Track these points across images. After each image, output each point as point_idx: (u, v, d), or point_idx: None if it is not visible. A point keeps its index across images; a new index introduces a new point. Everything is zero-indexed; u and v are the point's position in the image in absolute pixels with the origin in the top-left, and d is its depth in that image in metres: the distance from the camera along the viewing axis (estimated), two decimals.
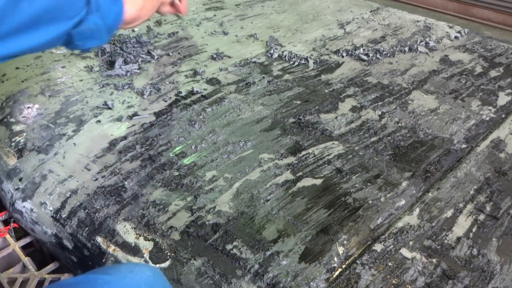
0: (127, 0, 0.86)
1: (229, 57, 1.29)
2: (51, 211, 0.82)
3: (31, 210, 0.83)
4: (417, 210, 0.80)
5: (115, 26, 0.87)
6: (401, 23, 1.57)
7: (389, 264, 0.70)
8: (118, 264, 0.66)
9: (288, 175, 0.86)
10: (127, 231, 0.76)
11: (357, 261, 0.71)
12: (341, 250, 0.72)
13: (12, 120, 1.01)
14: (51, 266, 0.81)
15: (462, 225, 0.78)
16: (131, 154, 0.91)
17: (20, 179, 0.87)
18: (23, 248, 0.86)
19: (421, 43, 1.40)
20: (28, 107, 1.04)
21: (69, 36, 0.77)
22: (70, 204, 0.81)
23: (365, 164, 0.90)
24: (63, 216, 0.80)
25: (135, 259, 0.72)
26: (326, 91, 1.14)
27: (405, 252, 0.72)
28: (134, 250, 0.73)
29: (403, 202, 0.82)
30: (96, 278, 0.58)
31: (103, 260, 0.74)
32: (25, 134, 0.97)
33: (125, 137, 0.95)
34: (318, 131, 0.99)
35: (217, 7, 1.66)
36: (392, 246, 0.73)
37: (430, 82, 1.20)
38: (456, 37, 1.46)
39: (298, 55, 1.30)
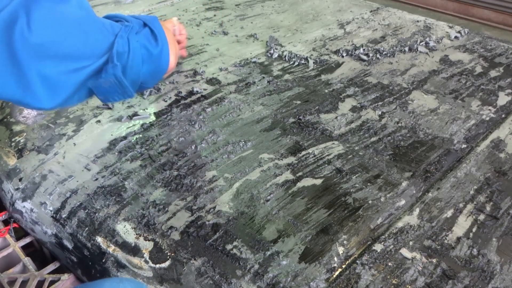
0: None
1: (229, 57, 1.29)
2: (51, 211, 0.82)
3: (31, 210, 0.83)
4: (417, 210, 0.80)
5: (158, 73, 0.70)
6: (401, 23, 1.57)
7: (389, 264, 0.70)
8: (102, 280, 0.63)
9: (288, 175, 0.86)
10: (127, 231, 0.76)
11: (357, 261, 0.71)
12: (341, 250, 0.72)
13: (12, 120, 1.01)
14: (51, 266, 0.81)
15: (462, 225, 0.78)
16: (131, 154, 0.91)
17: (20, 179, 0.87)
18: (23, 248, 0.86)
19: (421, 43, 1.40)
20: None
21: (89, 90, 0.63)
22: (70, 204, 0.81)
23: (365, 164, 0.90)
24: (63, 216, 0.80)
25: (135, 259, 0.72)
26: (326, 91, 1.14)
27: (405, 252, 0.72)
28: (134, 250, 0.73)
29: (403, 202, 0.82)
30: None
31: (103, 260, 0.74)
32: (25, 134, 0.97)
33: (125, 137, 0.95)
34: (318, 131, 0.99)
35: (217, 7, 1.66)
36: (392, 246, 0.73)
37: (430, 82, 1.20)
38: (456, 37, 1.46)
39: (298, 55, 1.30)
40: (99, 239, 0.76)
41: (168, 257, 0.72)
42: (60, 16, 0.57)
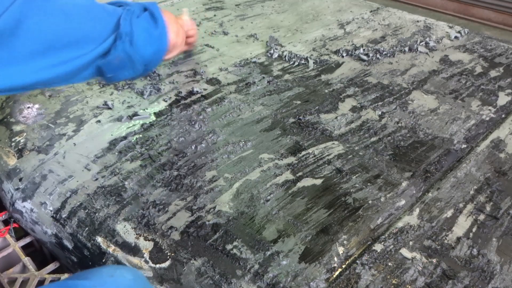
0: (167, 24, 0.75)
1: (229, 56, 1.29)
2: (51, 211, 0.82)
3: (31, 210, 0.83)
4: (417, 210, 0.80)
5: (159, 53, 0.75)
6: (401, 23, 1.57)
7: (389, 264, 0.70)
8: (99, 267, 0.64)
9: (288, 175, 0.86)
10: (127, 231, 0.76)
11: (357, 261, 0.71)
12: (341, 250, 0.72)
13: (12, 120, 1.01)
14: (51, 266, 0.81)
15: (462, 225, 0.78)
16: (131, 154, 0.91)
17: (20, 179, 0.87)
18: (23, 248, 0.86)
19: (421, 43, 1.40)
20: (28, 107, 1.04)
21: (97, 68, 0.67)
22: (70, 204, 0.81)
23: (365, 164, 0.90)
24: (63, 216, 0.80)
25: (135, 259, 0.72)
26: (326, 91, 1.14)
27: (405, 252, 0.72)
28: (134, 250, 0.73)
29: (403, 202, 0.82)
30: (76, 285, 0.56)
31: (103, 260, 0.74)
32: (25, 134, 0.97)
33: (125, 137, 0.95)
34: (318, 131, 0.99)
35: (217, 7, 1.66)
36: (392, 246, 0.73)
37: (430, 82, 1.20)
38: (456, 37, 1.46)
39: (298, 55, 1.30)
40: (99, 239, 0.76)
41: (168, 257, 0.72)
42: (66, 7, 0.60)
